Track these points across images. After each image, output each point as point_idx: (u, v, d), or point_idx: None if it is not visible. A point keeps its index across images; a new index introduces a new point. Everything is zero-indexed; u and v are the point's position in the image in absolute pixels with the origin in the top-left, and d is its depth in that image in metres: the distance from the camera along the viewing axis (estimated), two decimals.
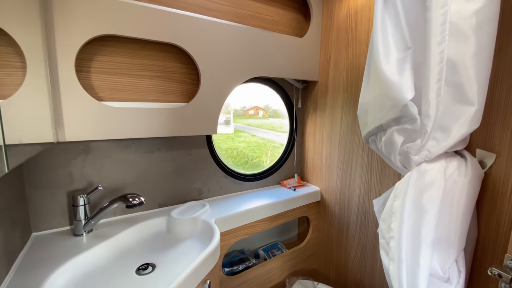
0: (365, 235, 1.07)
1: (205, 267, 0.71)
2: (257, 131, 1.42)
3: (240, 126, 1.37)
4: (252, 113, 1.42)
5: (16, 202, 0.70)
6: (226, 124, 1.30)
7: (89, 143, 0.85)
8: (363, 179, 1.06)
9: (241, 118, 1.37)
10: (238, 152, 1.35)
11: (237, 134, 1.38)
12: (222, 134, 1.30)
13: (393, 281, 0.46)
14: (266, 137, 1.42)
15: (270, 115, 1.41)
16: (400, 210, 0.48)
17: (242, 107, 1.37)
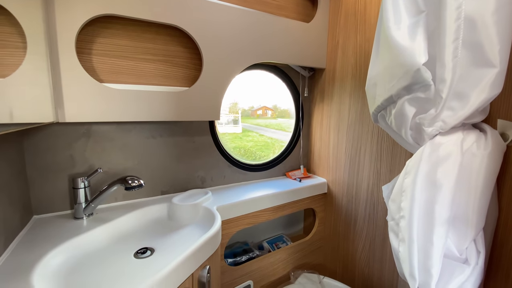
0: (374, 227, 1.02)
1: (204, 252, 0.68)
2: (265, 130, 1.40)
3: (248, 126, 1.34)
4: (261, 113, 1.40)
5: (16, 182, 0.70)
6: (234, 124, 1.29)
7: (90, 126, 0.85)
8: (372, 168, 1.01)
9: (249, 118, 1.35)
10: (246, 150, 1.32)
11: (245, 133, 1.35)
12: (230, 134, 1.28)
13: (403, 264, 0.42)
14: (274, 136, 1.39)
15: (279, 115, 1.38)
16: (411, 187, 0.44)
17: (250, 107, 1.34)
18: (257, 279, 1.07)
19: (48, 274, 0.55)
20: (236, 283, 1.01)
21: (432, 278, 0.38)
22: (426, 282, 0.38)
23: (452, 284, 0.37)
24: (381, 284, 1.02)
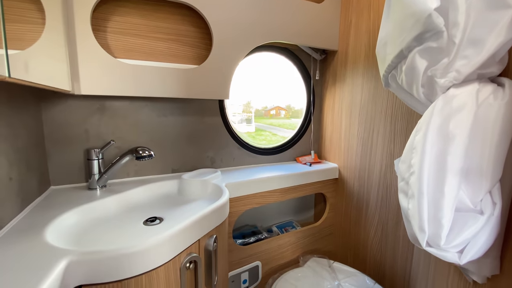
0: (387, 211, 0.99)
1: (212, 221, 0.69)
2: (278, 130, 1.39)
3: (262, 126, 1.35)
4: (274, 113, 1.40)
5: (35, 151, 0.73)
6: (247, 123, 1.29)
7: (104, 102, 0.88)
8: (385, 150, 0.98)
9: (263, 118, 1.35)
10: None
11: (258, 132, 1.36)
12: (243, 132, 1.28)
13: (412, 220, 0.40)
14: (287, 136, 1.38)
15: (292, 115, 1.37)
16: (422, 143, 0.42)
17: (264, 107, 1.34)
18: (265, 261, 1.07)
19: (61, 231, 0.58)
20: (244, 262, 1.01)
21: (442, 229, 0.36)
22: (436, 234, 0.36)
23: (464, 234, 0.35)
24: (393, 271, 0.98)
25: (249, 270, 1.02)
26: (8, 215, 0.57)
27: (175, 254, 0.56)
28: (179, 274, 0.58)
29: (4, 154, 0.57)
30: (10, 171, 0.60)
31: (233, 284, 0.98)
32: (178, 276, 0.58)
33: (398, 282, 0.96)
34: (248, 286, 1.03)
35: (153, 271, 0.52)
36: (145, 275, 0.51)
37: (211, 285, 0.68)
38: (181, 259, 0.59)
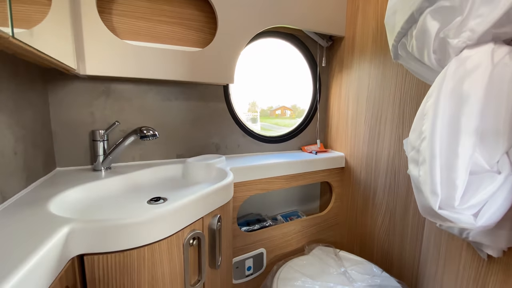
0: (395, 198, 0.97)
1: (215, 200, 0.68)
2: (284, 130, 1.38)
3: (267, 125, 1.33)
4: (279, 113, 1.39)
5: (41, 131, 0.74)
6: (253, 122, 1.29)
7: (110, 85, 0.88)
8: (394, 135, 0.96)
9: (268, 118, 1.34)
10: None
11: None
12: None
13: (423, 186, 0.39)
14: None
15: (298, 115, 1.36)
16: (433, 107, 0.40)
17: (269, 107, 1.33)
18: (270, 248, 1.06)
19: (64, 205, 0.58)
20: (248, 249, 1.00)
21: (456, 190, 0.34)
22: (450, 195, 0.34)
23: (480, 195, 0.33)
24: (401, 260, 0.95)
25: (253, 257, 1.01)
26: (12, 189, 0.57)
27: (178, 229, 0.56)
28: (182, 249, 0.57)
29: (9, 128, 0.58)
30: (15, 145, 0.60)
31: (237, 270, 0.97)
32: (181, 252, 0.57)
33: (406, 270, 0.93)
34: (253, 273, 1.02)
35: (156, 244, 0.52)
36: (147, 247, 0.51)
37: (215, 265, 0.67)
38: (184, 234, 0.58)
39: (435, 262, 0.69)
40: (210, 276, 0.68)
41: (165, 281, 0.54)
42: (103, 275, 0.48)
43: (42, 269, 0.36)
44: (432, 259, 0.71)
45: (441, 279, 0.66)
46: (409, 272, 0.92)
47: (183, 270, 0.58)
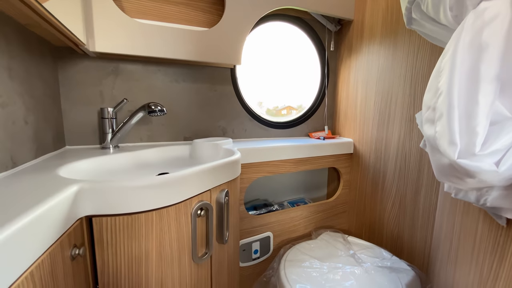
0: (405, 181, 0.94)
1: (223, 174, 0.67)
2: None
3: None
4: (285, 112, 1.37)
5: (51, 106, 0.74)
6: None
7: (118, 64, 0.88)
8: (404, 117, 0.94)
9: (274, 117, 1.33)
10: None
11: None
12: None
13: (440, 140, 0.37)
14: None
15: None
16: (450, 61, 0.38)
17: (275, 106, 1.32)
18: (277, 232, 1.04)
19: (74, 172, 0.58)
20: (255, 232, 0.99)
21: (477, 136, 0.32)
22: (470, 143, 0.32)
23: (502, 141, 0.31)
24: (412, 245, 0.93)
25: (260, 240, 1.00)
26: (22, 157, 0.58)
27: (186, 197, 0.55)
28: (190, 219, 0.57)
29: (20, 96, 0.58)
30: (26, 115, 0.60)
31: (244, 253, 0.96)
32: (189, 221, 0.56)
33: (417, 255, 0.91)
34: (259, 257, 1.01)
35: (164, 210, 0.51)
36: (155, 212, 0.50)
37: (223, 240, 0.67)
38: (192, 204, 0.57)
39: (449, 240, 0.67)
40: (218, 251, 0.67)
41: (173, 249, 0.54)
42: (111, 237, 0.47)
43: (50, 220, 0.36)
44: (446, 238, 0.69)
45: (455, 256, 0.63)
46: (420, 256, 0.90)
47: (190, 239, 0.57)
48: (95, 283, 0.49)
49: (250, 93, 1.14)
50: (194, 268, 0.59)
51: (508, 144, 0.31)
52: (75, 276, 0.42)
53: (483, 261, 0.53)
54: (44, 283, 0.34)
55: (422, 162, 0.88)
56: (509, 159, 0.31)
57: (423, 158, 0.87)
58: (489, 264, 0.51)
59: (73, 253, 0.41)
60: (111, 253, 0.48)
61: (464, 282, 0.59)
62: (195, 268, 0.60)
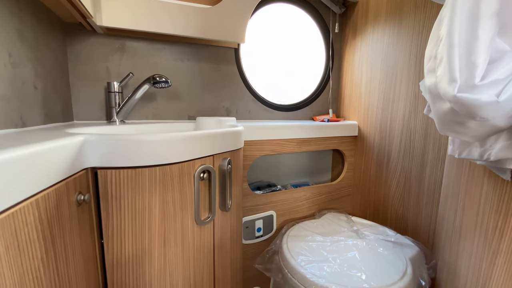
0: (410, 159, 0.93)
1: (225, 142, 0.68)
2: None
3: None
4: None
5: (60, 78, 0.76)
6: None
7: (125, 41, 0.90)
8: (409, 94, 0.93)
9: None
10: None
11: None
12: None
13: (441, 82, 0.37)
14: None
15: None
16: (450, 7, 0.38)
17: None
18: (280, 212, 1.05)
19: None
20: (258, 210, 0.99)
21: (477, 69, 0.32)
22: (470, 76, 0.32)
23: (502, 70, 0.31)
24: (417, 222, 0.92)
25: (263, 218, 1.00)
26: (31, 119, 0.60)
27: (189, 158, 0.56)
28: (193, 180, 0.57)
29: (29, 61, 0.60)
30: (35, 80, 0.62)
31: (247, 230, 0.97)
32: (192, 182, 0.57)
33: (422, 232, 0.90)
34: (263, 235, 1.01)
35: (167, 167, 0.52)
36: (159, 168, 0.51)
37: (225, 207, 0.67)
38: (195, 166, 0.58)
39: (453, 210, 0.66)
40: (221, 218, 0.68)
41: (176, 207, 0.55)
42: (116, 190, 0.49)
43: (58, 157, 0.37)
44: (451, 208, 0.68)
45: (460, 225, 0.63)
46: (425, 234, 0.89)
47: (193, 201, 0.58)
48: (100, 237, 0.51)
49: (254, 76, 1.14)
50: (197, 230, 0.60)
51: (509, 73, 0.31)
52: (80, 223, 0.44)
53: (488, 222, 0.52)
54: (49, 216, 0.35)
55: (428, 138, 0.87)
56: (510, 89, 0.30)
57: (428, 134, 0.87)
58: (494, 224, 0.50)
59: (79, 199, 0.42)
60: (116, 206, 0.49)
61: (469, 249, 0.58)
62: (198, 230, 0.60)
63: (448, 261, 0.67)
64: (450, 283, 0.66)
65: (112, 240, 0.50)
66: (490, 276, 0.50)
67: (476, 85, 0.32)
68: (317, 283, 0.65)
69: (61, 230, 0.37)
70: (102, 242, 0.51)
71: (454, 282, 0.63)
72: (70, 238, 0.40)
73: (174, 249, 0.56)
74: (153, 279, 0.54)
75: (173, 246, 0.55)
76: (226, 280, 0.72)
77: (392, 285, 0.64)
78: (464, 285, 0.59)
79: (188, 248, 0.59)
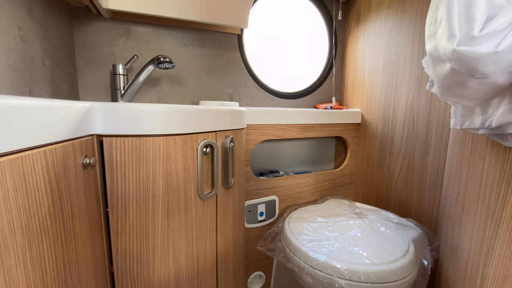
0: (413, 143, 0.93)
1: (228, 120, 0.69)
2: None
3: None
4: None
5: (67, 58, 0.78)
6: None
7: (130, 26, 0.91)
8: (413, 77, 0.92)
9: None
10: None
11: None
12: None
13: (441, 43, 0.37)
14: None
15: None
16: None
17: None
18: (283, 197, 1.05)
19: None
20: (261, 194, 1.00)
21: (475, 21, 0.32)
22: (469, 28, 0.32)
23: (501, 21, 0.31)
24: (420, 206, 0.92)
25: (266, 203, 1.01)
26: (39, 93, 0.61)
27: (192, 131, 0.57)
28: (196, 153, 0.58)
29: (38, 38, 0.62)
30: (43, 57, 0.64)
31: (250, 213, 0.98)
32: (195, 154, 0.58)
33: (425, 215, 0.90)
34: (265, 219, 1.01)
35: (171, 137, 0.53)
36: (162, 138, 0.52)
37: (228, 184, 0.68)
38: (198, 139, 0.59)
39: (456, 188, 0.66)
40: (223, 195, 0.69)
41: (179, 178, 0.56)
42: (120, 158, 0.50)
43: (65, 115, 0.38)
44: (454, 186, 0.68)
45: (462, 200, 0.63)
46: (428, 217, 0.89)
47: (197, 174, 0.59)
48: (105, 206, 0.52)
49: (257, 63, 1.15)
50: (200, 204, 0.61)
51: (507, 24, 0.31)
52: (86, 187, 0.45)
53: (490, 193, 0.52)
54: (56, 171, 0.36)
55: (431, 120, 0.86)
56: (508, 38, 0.31)
57: (431, 116, 0.86)
58: (496, 194, 0.50)
59: (85, 162, 0.44)
60: (120, 174, 0.50)
61: (471, 223, 0.58)
62: (201, 204, 0.61)
63: (451, 240, 0.67)
64: (453, 260, 0.65)
65: (117, 208, 0.51)
66: (492, 246, 0.50)
67: (475, 36, 0.32)
68: (318, 259, 0.65)
69: (67, 188, 0.39)
70: (107, 211, 0.52)
71: (457, 257, 0.63)
72: (76, 199, 0.41)
73: (177, 220, 0.57)
74: (156, 248, 0.55)
75: (176, 216, 0.56)
76: (228, 257, 0.73)
77: (393, 262, 0.64)
78: (466, 259, 0.58)
79: (191, 220, 0.60)
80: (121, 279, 0.54)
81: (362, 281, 0.61)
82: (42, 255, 0.33)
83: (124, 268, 0.53)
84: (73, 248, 0.40)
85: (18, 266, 0.29)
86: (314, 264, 0.65)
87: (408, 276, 0.64)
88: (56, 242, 0.36)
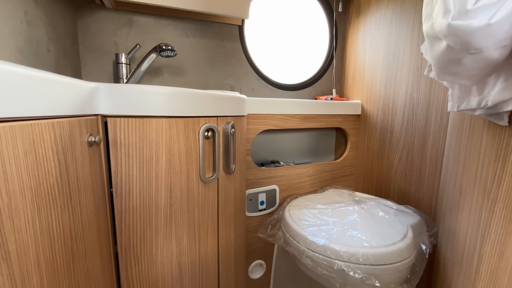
0: (413, 132, 0.94)
1: (228, 106, 0.70)
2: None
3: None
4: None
5: (71, 46, 0.79)
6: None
7: (132, 16, 0.93)
8: (412, 67, 0.93)
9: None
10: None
11: None
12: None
13: (437, 21, 0.38)
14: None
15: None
16: None
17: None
18: (283, 187, 1.06)
19: None
20: (261, 183, 1.01)
21: None
22: (463, 2, 0.33)
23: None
24: (419, 195, 0.93)
25: (266, 192, 1.02)
26: None
27: (194, 114, 0.58)
28: (197, 136, 0.59)
29: (43, 24, 0.63)
30: (48, 43, 0.65)
31: (250, 202, 0.99)
32: (197, 137, 0.59)
33: (424, 204, 0.91)
34: (266, 208, 1.03)
35: (173, 119, 0.54)
36: (165, 119, 0.53)
37: (229, 170, 0.69)
38: (200, 124, 0.60)
39: (454, 172, 0.67)
40: (224, 180, 0.70)
41: (181, 160, 0.57)
42: (124, 138, 0.51)
43: (71, 92, 0.39)
44: (452, 172, 0.69)
45: (460, 184, 0.64)
46: (427, 205, 0.90)
47: (198, 157, 0.60)
48: (110, 185, 0.53)
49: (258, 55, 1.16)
50: (202, 186, 0.62)
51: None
52: (91, 164, 0.46)
53: (487, 173, 0.53)
54: (63, 144, 0.37)
55: (430, 109, 0.87)
56: (501, 11, 0.31)
57: (431, 105, 0.87)
58: (492, 174, 0.51)
59: (90, 140, 0.45)
60: (124, 154, 0.51)
61: (468, 205, 0.59)
62: (203, 187, 0.62)
63: (449, 225, 0.68)
64: (450, 244, 0.67)
65: (121, 188, 0.52)
66: (489, 224, 0.51)
67: (468, 10, 0.33)
68: (318, 242, 0.66)
69: (74, 162, 0.40)
70: (111, 191, 0.53)
71: (455, 241, 0.64)
72: (82, 175, 0.42)
73: (179, 201, 0.58)
74: (159, 228, 0.56)
75: (178, 197, 0.58)
76: (230, 242, 0.74)
77: (392, 245, 0.65)
78: (464, 241, 0.60)
79: (193, 202, 0.61)
80: (124, 258, 0.55)
81: (361, 263, 0.62)
82: (50, 222, 0.34)
83: (128, 247, 0.55)
84: (79, 221, 0.41)
85: (27, 229, 0.30)
86: (314, 247, 0.66)
87: (406, 259, 0.65)
88: (63, 212, 0.37)
